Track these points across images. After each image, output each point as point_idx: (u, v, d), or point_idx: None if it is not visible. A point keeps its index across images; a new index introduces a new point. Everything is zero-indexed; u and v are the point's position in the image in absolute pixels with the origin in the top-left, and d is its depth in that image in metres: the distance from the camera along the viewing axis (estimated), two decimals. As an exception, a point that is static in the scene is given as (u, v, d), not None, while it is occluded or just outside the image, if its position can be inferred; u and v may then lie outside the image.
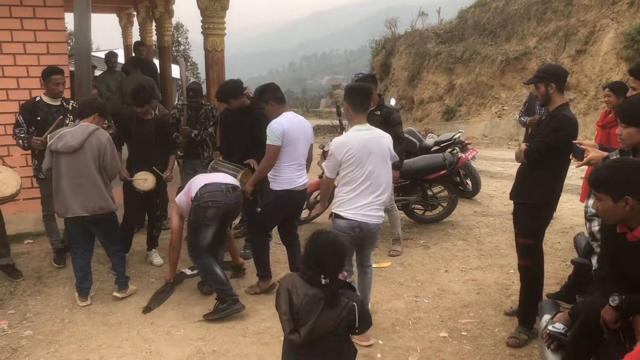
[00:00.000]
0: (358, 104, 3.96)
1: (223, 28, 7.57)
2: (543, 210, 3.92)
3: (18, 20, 6.50)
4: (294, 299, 2.56)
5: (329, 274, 2.53)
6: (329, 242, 2.62)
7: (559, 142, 3.64)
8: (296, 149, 4.60)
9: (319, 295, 2.51)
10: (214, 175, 4.79)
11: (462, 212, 7.44)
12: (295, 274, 2.68)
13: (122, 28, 14.88)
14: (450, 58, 20.37)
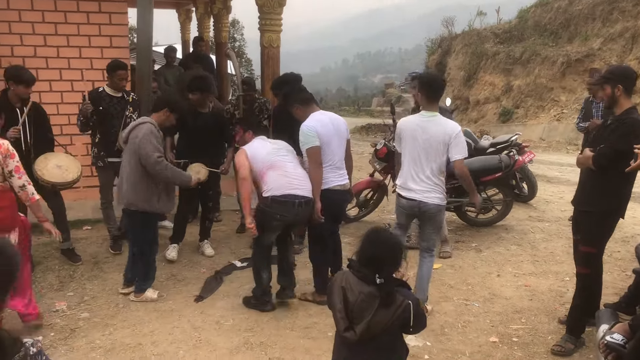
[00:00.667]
0: (426, 92, 4.31)
1: (279, 24, 7.62)
2: (608, 218, 3.77)
3: (84, 15, 6.74)
4: (349, 297, 2.55)
5: (385, 273, 2.51)
6: (384, 240, 2.58)
7: (628, 148, 3.44)
8: (329, 149, 4.46)
9: (374, 293, 2.48)
10: (293, 182, 4.30)
11: (517, 217, 7.25)
12: (348, 271, 2.66)
13: (181, 23, 15.24)
14: (508, 58, 19.88)
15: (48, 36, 6.64)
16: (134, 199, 4.48)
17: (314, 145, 4.36)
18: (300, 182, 4.34)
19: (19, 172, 3.85)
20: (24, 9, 6.49)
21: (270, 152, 4.45)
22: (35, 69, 6.28)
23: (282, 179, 4.29)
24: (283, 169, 4.34)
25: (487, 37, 22.00)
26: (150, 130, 4.43)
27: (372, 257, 2.55)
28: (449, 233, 6.65)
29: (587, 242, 3.83)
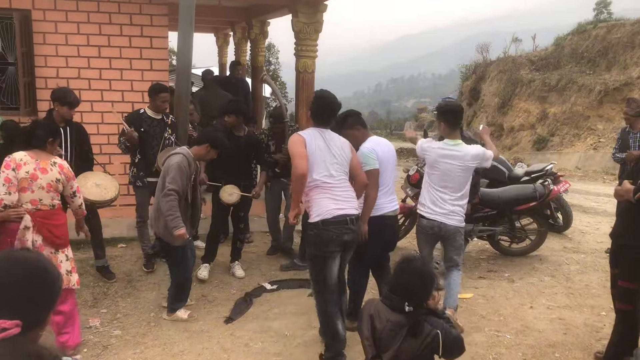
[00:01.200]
0: (447, 121, 4.56)
1: (315, 50, 7.76)
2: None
3: (127, 38, 6.98)
4: (376, 324, 2.55)
5: (414, 302, 2.50)
6: (415, 269, 2.59)
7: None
8: (385, 173, 4.44)
9: (402, 322, 2.48)
10: (340, 202, 3.93)
11: (551, 247, 7.11)
12: (378, 299, 2.68)
13: (219, 47, 15.59)
14: (544, 86, 19.68)
15: (92, 59, 6.88)
16: (156, 225, 4.60)
17: (374, 167, 4.29)
18: (345, 203, 3.96)
19: (79, 191, 4.14)
20: (71, 33, 6.75)
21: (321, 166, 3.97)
22: (79, 89, 6.52)
23: (328, 202, 3.91)
24: (331, 191, 3.93)
25: (523, 64, 21.85)
26: (179, 164, 4.43)
27: (403, 285, 2.55)
28: (482, 262, 6.58)
29: (626, 277, 3.73)
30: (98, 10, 6.82)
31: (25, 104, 6.78)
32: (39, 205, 3.83)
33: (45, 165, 3.85)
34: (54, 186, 3.88)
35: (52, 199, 3.91)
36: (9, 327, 1.36)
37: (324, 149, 3.92)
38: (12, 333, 1.36)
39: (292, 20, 7.63)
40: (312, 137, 3.92)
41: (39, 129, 3.94)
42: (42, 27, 6.67)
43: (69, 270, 3.98)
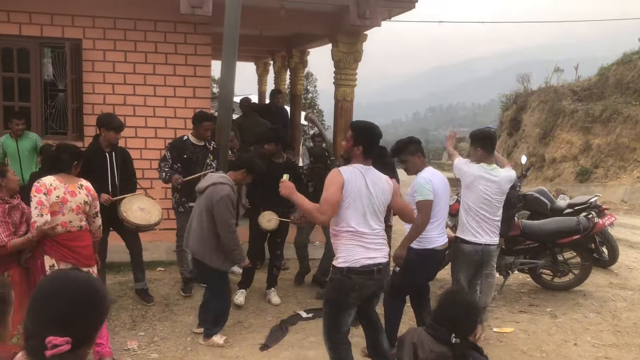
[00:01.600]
0: (484, 146, 4.67)
1: (354, 79, 7.83)
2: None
3: (171, 67, 7.19)
4: (419, 354, 2.52)
5: (460, 334, 2.47)
6: (463, 301, 2.59)
7: None
8: (439, 205, 4.37)
9: (446, 353, 2.45)
10: (371, 251, 3.61)
11: (596, 282, 6.86)
12: (421, 328, 2.65)
13: (259, 75, 15.88)
14: (587, 117, 19.27)
15: (137, 86, 7.10)
16: (201, 252, 4.63)
17: (428, 198, 4.23)
18: (379, 250, 3.68)
19: (99, 212, 4.26)
20: (118, 61, 7.00)
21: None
22: (124, 116, 6.71)
23: (358, 249, 3.60)
24: (364, 239, 3.60)
25: (565, 94, 21.48)
26: (229, 195, 4.56)
27: (449, 316, 2.53)
28: (524, 296, 6.40)
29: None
30: (145, 39, 7.06)
31: (73, 129, 7.02)
32: (69, 227, 3.98)
33: (73, 189, 4.01)
34: (82, 208, 4.04)
35: (80, 221, 4.06)
36: (60, 343, 1.40)
37: (364, 194, 3.55)
38: (63, 350, 1.40)
39: (332, 49, 7.74)
40: (354, 178, 3.55)
41: (64, 153, 4.09)
42: (92, 55, 6.94)
43: None
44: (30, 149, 6.39)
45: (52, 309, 1.46)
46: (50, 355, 1.39)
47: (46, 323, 1.44)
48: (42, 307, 1.48)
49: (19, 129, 6.40)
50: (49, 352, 1.39)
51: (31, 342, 1.45)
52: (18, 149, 6.33)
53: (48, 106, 7.32)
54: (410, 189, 4.41)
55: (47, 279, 1.55)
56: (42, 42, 7.00)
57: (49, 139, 6.70)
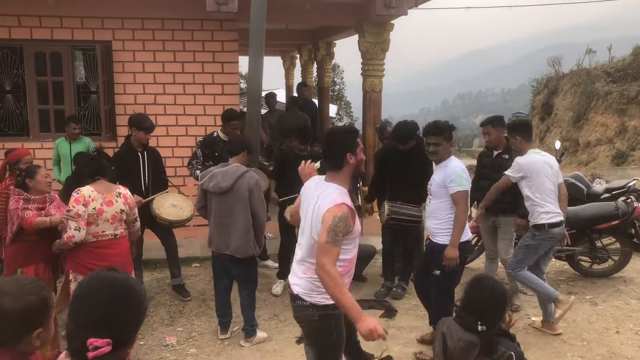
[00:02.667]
0: (524, 134, 4.82)
1: (382, 69, 7.77)
2: None
3: (199, 64, 7.24)
4: (448, 343, 2.51)
5: (487, 321, 2.44)
6: (489, 288, 2.56)
7: None
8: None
9: (474, 341, 2.43)
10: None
11: (637, 268, 6.69)
12: (451, 318, 2.64)
13: (285, 69, 15.91)
14: (622, 98, 18.76)
15: (167, 85, 7.18)
16: (246, 246, 4.57)
17: (466, 188, 4.18)
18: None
19: (138, 217, 4.38)
20: (147, 61, 7.08)
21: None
22: (155, 115, 6.80)
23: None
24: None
25: (598, 76, 20.94)
26: (259, 184, 4.68)
27: (475, 305, 2.52)
28: (562, 283, 6.29)
29: None
30: (172, 38, 7.12)
31: (106, 129, 7.15)
32: (100, 237, 4.02)
33: (111, 198, 4.05)
34: (118, 217, 4.07)
35: (115, 229, 4.08)
36: (101, 345, 1.42)
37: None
38: (104, 351, 1.42)
39: (358, 40, 7.69)
40: (304, 190, 3.23)
41: (104, 158, 4.21)
42: (122, 56, 7.04)
43: None
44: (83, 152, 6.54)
45: (91, 310, 1.48)
46: (92, 357, 1.41)
47: (86, 324, 1.46)
48: (81, 309, 1.50)
49: (76, 132, 6.54)
50: (91, 354, 1.41)
51: (73, 343, 1.48)
52: (71, 152, 6.48)
53: (81, 108, 7.46)
54: (444, 178, 4.20)
55: (87, 279, 1.57)
56: (74, 46, 7.13)
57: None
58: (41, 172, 4.20)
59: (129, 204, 4.15)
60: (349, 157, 2.92)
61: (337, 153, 2.94)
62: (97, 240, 4.01)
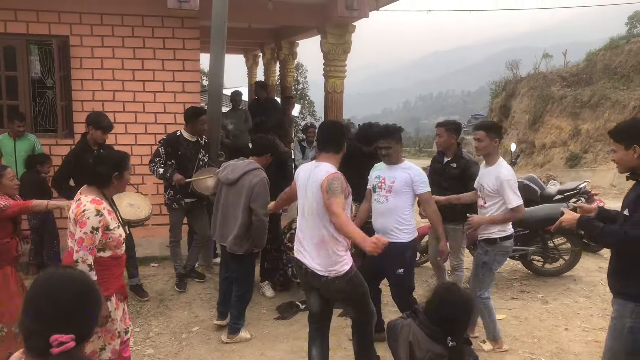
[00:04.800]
0: (500, 136, 4.55)
1: (344, 70, 7.83)
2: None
3: (160, 62, 7.14)
4: (416, 353, 2.50)
5: (457, 335, 2.45)
6: (458, 300, 2.51)
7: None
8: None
9: (443, 353, 2.43)
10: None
11: (586, 267, 6.95)
12: (414, 325, 2.59)
13: (248, 68, 15.83)
14: (576, 102, 19.40)
15: (126, 82, 7.06)
16: (239, 243, 4.61)
17: (429, 190, 4.37)
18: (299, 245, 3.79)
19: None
20: (106, 57, 6.95)
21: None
22: (113, 112, 6.70)
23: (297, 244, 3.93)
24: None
25: (554, 80, 21.60)
26: (265, 182, 4.63)
27: (446, 318, 2.48)
28: (515, 282, 6.47)
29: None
30: (132, 34, 7.00)
31: (63, 126, 6.98)
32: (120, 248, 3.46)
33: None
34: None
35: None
36: (66, 340, 1.43)
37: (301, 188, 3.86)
38: (69, 347, 1.43)
39: (320, 41, 7.73)
40: (300, 172, 3.91)
41: (101, 165, 3.33)
42: (79, 52, 6.88)
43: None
44: (27, 150, 6.36)
45: (54, 307, 1.49)
46: (58, 352, 1.41)
47: (50, 321, 1.47)
48: (43, 307, 1.50)
49: (20, 130, 6.34)
50: (56, 350, 1.42)
51: (34, 341, 1.47)
52: (15, 150, 6.30)
53: (37, 104, 7.27)
54: (412, 178, 4.25)
55: (44, 277, 1.57)
56: (29, 40, 6.93)
57: (38, 137, 6.67)
58: (7, 175, 4.03)
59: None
60: (345, 145, 3.72)
61: (338, 139, 3.70)
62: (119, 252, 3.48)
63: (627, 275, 2.98)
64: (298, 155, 8.54)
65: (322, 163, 3.61)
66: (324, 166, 3.57)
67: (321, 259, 3.54)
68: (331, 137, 3.72)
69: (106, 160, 3.37)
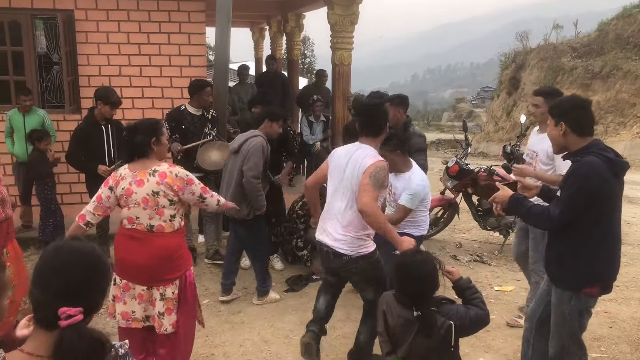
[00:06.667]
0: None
1: (351, 42, 7.73)
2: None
3: (165, 35, 7.09)
4: (389, 320, 2.55)
5: (423, 305, 2.48)
6: (420, 270, 2.52)
7: None
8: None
9: (412, 319, 2.47)
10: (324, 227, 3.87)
11: (596, 238, 6.91)
12: (390, 294, 2.66)
13: (255, 42, 15.71)
14: (587, 73, 19.12)
15: (132, 56, 7.02)
16: (246, 207, 4.69)
17: (410, 207, 4.28)
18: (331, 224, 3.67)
19: (207, 192, 3.53)
20: (112, 31, 6.91)
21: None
22: (120, 87, 6.67)
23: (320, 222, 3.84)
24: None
25: (564, 51, 21.26)
26: (262, 143, 4.72)
27: (410, 291, 2.52)
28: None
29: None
30: (137, 8, 6.95)
31: (70, 102, 6.98)
32: (135, 224, 3.24)
33: (143, 176, 3.22)
34: (150, 201, 3.19)
35: (150, 218, 3.21)
36: (74, 313, 1.44)
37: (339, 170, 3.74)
38: (77, 319, 1.44)
39: (327, 12, 7.62)
40: (337, 154, 3.76)
41: (138, 135, 3.27)
42: (85, 26, 6.84)
43: (161, 313, 3.30)
44: (37, 125, 6.36)
45: (63, 280, 1.49)
46: (66, 325, 1.42)
47: (57, 293, 1.47)
48: (52, 279, 1.50)
49: (27, 105, 6.35)
50: (64, 323, 1.43)
51: (42, 312, 1.49)
52: (24, 125, 6.31)
53: (43, 79, 7.26)
54: (405, 189, 4.13)
55: (52, 250, 1.57)
56: (33, 14, 6.89)
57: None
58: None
59: (167, 184, 3.20)
60: (387, 127, 3.60)
61: (378, 122, 3.55)
62: (131, 228, 3.27)
63: (561, 265, 3.01)
64: (305, 130, 8.49)
65: (365, 146, 3.52)
66: (368, 150, 3.47)
67: (347, 239, 3.48)
68: (368, 121, 3.57)
69: (141, 128, 3.29)
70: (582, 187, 2.77)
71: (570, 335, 3.07)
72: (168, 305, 3.29)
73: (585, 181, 2.76)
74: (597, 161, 2.78)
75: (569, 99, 3.13)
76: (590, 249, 2.88)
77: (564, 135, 2.88)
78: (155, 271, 3.23)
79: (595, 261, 2.90)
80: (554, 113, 2.95)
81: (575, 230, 2.87)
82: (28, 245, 6.06)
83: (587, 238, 2.87)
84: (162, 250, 3.23)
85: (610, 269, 2.99)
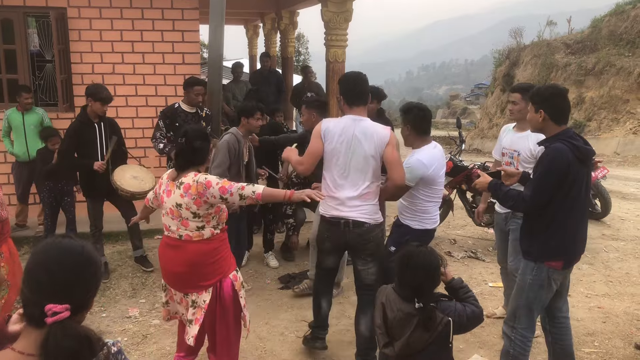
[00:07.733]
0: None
1: (345, 40, 7.72)
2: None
3: (159, 33, 7.07)
4: (387, 313, 2.56)
5: (424, 297, 2.49)
6: (422, 264, 2.54)
7: None
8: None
9: (412, 312, 2.48)
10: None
11: (589, 234, 6.85)
12: (390, 287, 2.67)
13: (249, 39, 15.67)
14: (580, 70, 19.20)
15: (126, 54, 7.00)
16: None
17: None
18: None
19: (226, 192, 3.20)
20: (105, 29, 6.88)
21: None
22: (113, 85, 6.65)
23: (329, 199, 3.66)
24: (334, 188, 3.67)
25: (558, 48, 21.35)
26: (228, 140, 4.77)
27: (411, 284, 2.54)
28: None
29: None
30: (131, 6, 6.92)
31: (63, 100, 6.95)
32: (169, 232, 3.27)
33: (172, 187, 3.22)
34: (175, 212, 3.17)
35: (177, 228, 3.20)
36: (60, 310, 1.43)
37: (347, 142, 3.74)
38: (63, 317, 1.43)
39: (321, 9, 7.61)
40: (334, 126, 3.64)
41: (197, 140, 3.20)
42: (77, 24, 6.81)
43: (190, 320, 3.31)
44: (36, 123, 6.32)
45: (50, 277, 1.49)
46: (52, 322, 1.42)
47: (45, 291, 1.47)
48: (40, 276, 1.50)
49: (28, 102, 6.31)
50: (50, 319, 1.42)
51: (30, 309, 1.48)
52: (24, 123, 6.28)
53: (36, 78, 7.22)
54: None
55: (42, 247, 1.57)
56: (26, 12, 6.86)
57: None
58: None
59: (191, 194, 3.11)
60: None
61: (366, 91, 3.61)
62: (167, 235, 3.30)
63: (530, 236, 3.23)
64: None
65: (365, 118, 3.57)
66: (369, 121, 3.57)
67: (367, 209, 3.57)
68: (359, 88, 3.59)
69: (199, 133, 3.27)
70: (550, 170, 3.00)
71: (524, 305, 3.27)
72: (197, 315, 3.26)
73: (552, 164, 3.00)
74: (564, 147, 2.99)
75: (549, 87, 3.27)
76: (555, 225, 3.09)
77: (543, 121, 3.11)
78: (186, 278, 3.23)
79: (558, 236, 3.11)
80: (535, 100, 3.14)
81: (546, 208, 3.09)
82: (22, 244, 6.05)
83: (553, 214, 3.08)
84: (194, 256, 3.20)
85: (573, 245, 3.21)
